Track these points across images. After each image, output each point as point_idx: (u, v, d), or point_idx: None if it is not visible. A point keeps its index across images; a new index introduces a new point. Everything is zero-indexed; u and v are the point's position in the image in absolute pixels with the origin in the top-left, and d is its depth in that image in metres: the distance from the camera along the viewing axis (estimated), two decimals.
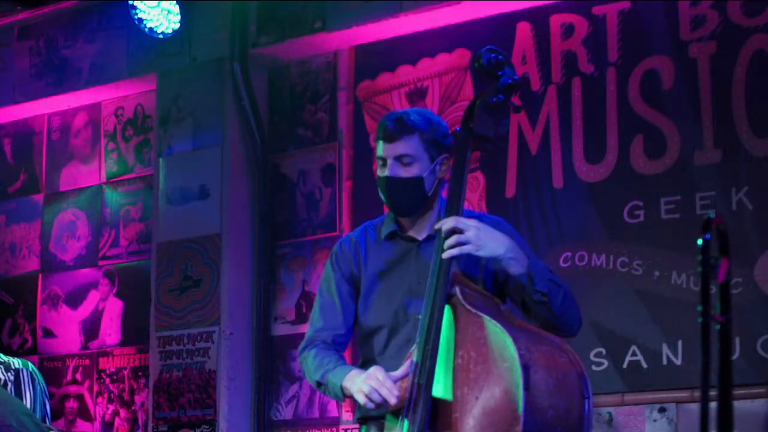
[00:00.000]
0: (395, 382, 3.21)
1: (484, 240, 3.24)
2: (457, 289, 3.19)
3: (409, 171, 3.43)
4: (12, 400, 3.42)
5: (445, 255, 3.21)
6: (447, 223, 3.25)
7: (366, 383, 3.24)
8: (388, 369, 3.27)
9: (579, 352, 3.16)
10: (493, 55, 3.34)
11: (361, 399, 3.26)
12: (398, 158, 3.43)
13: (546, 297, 3.29)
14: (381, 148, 3.46)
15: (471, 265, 3.37)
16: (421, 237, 3.51)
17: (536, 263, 3.36)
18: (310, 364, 3.50)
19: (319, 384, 3.47)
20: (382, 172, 3.47)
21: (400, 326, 3.44)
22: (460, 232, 3.22)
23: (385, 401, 3.21)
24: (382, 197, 3.49)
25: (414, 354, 3.19)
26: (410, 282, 3.46)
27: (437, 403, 3.13)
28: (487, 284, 3.42)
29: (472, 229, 3.23)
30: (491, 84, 3.35)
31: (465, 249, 3.22)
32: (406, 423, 3.13)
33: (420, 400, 3.11)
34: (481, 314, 3.09)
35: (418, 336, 3.19)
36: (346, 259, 3.57)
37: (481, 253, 3.25)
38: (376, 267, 3.53)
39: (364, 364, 3.47)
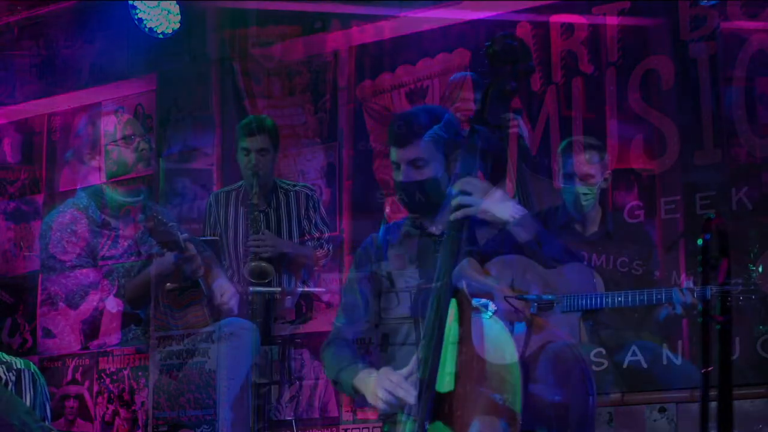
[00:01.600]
0: (406, 378, 3.21)
1: (489, 202, 3.23)
2: (464, 283, 3.16)
3: (423, 173, 3.45)
4: (13, 399, 3.43)
5: (452, 217, 3.20)
6: (456, 185, 3.25)
7: (380, 388, 3.23)
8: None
9: None
10: (508, 41, 3.32)
11: (380, 405, 3.25)
12: (411, 162, 3.44)
13: (557, 263, 3.32)
14: (394, 153, 3.47)
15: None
16: (438, 232, 3.52)
17: (544, 231, 3.37)
18: (328, 362, 3.56)
19: (335, 382, 3.52)
20: (397, 177, 3.47)
21: (422, 319, 3.44)
22: (468, 193, 3.21)
23: (403, 401, 3.20)
24: (398, 199, 3.51)
25: (420, 349, 3.19)
26: (428, 276, 3.46)
27: (442, 398, 3.11)
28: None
29: (478, 191, 3.22)
30: (505, 70, 3.31)
31: (470, 211, 3.21)
32: (410, 418, 3.13)
33: (423, 395, 3.11)
34: (484, 309, 3.07)
35: (423, 330, 3.19)
36: (368, 259, 3.61)
37: (486, 216, 3.24)
38: (397, 264, 3.56)
39: (390, 360, 3.47)
